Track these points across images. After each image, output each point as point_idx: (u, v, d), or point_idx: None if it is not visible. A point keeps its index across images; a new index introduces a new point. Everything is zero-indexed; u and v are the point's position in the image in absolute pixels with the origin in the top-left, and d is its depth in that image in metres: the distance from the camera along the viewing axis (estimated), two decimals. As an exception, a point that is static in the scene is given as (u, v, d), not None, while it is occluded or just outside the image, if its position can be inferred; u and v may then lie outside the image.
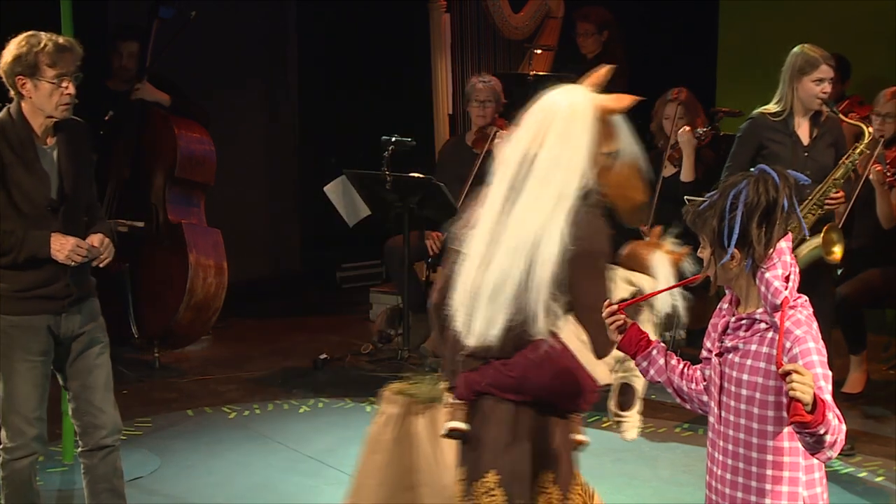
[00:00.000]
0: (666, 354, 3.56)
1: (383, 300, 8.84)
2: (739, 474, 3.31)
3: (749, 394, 3.28)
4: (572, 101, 3.80)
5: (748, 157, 6.15)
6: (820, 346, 3.21)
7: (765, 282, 3.25)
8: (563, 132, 3.75)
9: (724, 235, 3.23)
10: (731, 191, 3.24)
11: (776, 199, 3.23)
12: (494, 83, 8.23)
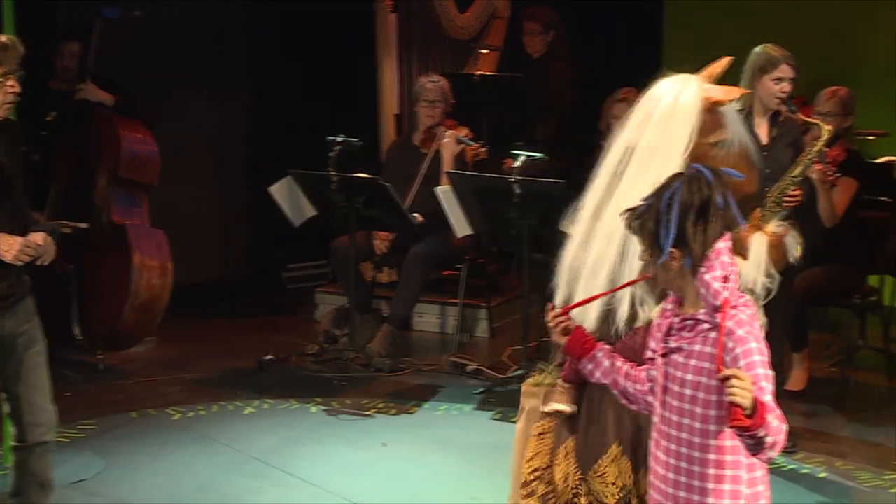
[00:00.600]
0: (611, 356, 3.57)
1: (329, 300, 8.83)
2: (682, 474, 3.31)
3: (692, 394, 3.29)
4: (678, 92, 3.93)
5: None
6: (762, 345, 3.22)
7: (704, 283, 3.26)
8: (665, 122, 3.87)
9: (660, 236, 3.24)
10: (666, 192, 3.25)
11: (710, 196, 3.24)
12: (443, 83, 8.24)
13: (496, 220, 7.31)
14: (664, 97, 3.96)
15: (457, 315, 8.32)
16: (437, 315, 8.62)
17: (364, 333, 7.88)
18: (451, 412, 7.00)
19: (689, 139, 3.85)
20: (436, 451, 6.39)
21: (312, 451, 6.35)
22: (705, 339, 3.28)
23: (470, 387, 7.39)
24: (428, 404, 7.12)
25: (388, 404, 7.09)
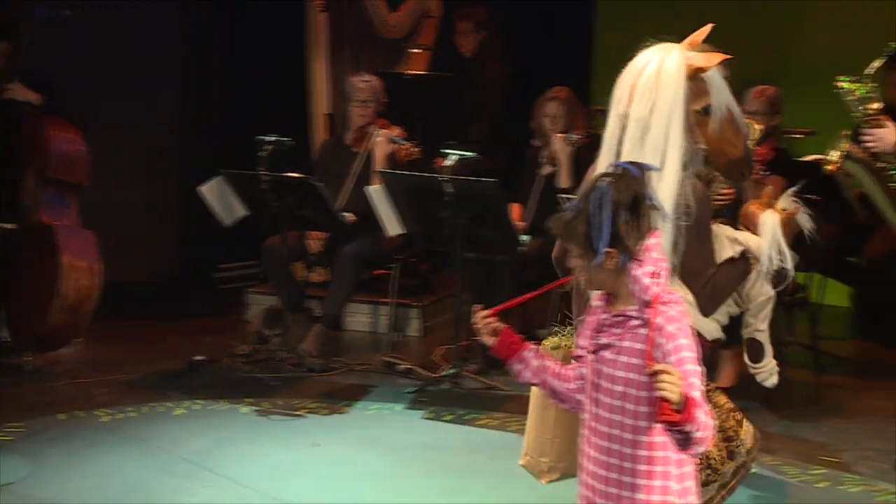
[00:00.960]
0: (540, 356, 3.58)
1: (261, 301, 8.80)
2: (612, 470, 3.33)
3: (623, 390, 3.31)
4: (660, 60, 3.98)
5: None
6: (692, 341, 3.25)
7: (634, 279, 3.28)
8: (653, 91, 3.92)
9: (595, 238, 3.25)
10: (594, 193, 3.26)
11: (640, 191, 3.26)
12: (375, 82, 8.23)
13: (428, 219, 7.32)
14: (647, 67, 4.00)
15: (389, 314, 8.31)
16: (369, 314, 8.61)
17: (296, 333, 7.86)
18: (383, 412, 6.99)
19: (682, 107, 3.91)
20: (367, 450, 6.38)
21: (244, 451, 6.32)
22: (635, 335, 3.30)
23: (402, 386, 7.39)
24: (360, 404, 7.11)
25: (319, 404, 7.07)
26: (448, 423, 6.82)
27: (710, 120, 4.02)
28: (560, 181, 7.71)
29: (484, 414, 6.90)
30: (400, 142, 8.00)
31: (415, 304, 8.52)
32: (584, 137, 7.87)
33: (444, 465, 6.21)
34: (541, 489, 5.84)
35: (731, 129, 4.07)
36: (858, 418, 6.87)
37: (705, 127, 4.02)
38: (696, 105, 4.02)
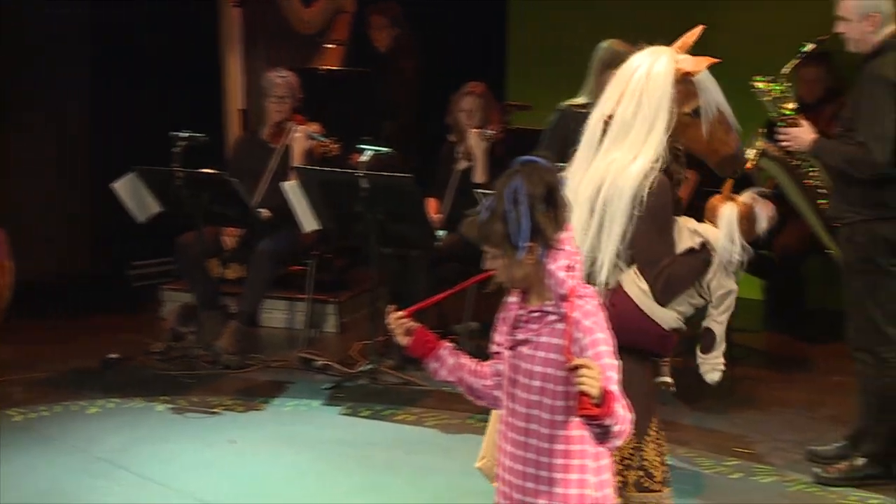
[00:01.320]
0: (456, 354, 3.59)
1: (175, 298, 8.72)
2: (530, 465, 3.34)
3: (541, 385, 3.32)
4: (650, 64, 4.08)
5: (557, 148, 6.23)
6: (608, 335, 3.27)
7: (550, 274, 3.29)
8: (639, 95, 4.05)
9: (514, 234, 3.25)
10: (507, 190, 3.27)
11: (553, 181, 3.28)
12: (291, 78, 8.20)
13: (344, 215, 7.31)
14: (638, 70, 4.11)
15: (305, 311, 8.28)
16: (286, 311, 8.58)
17: (211, 330, 7.81)
18: (300, 408, 6.98)
19: (668, 111, 4.05)
20: (284, 447, 6.36)
21: (159, 449, 6.28)
22: (553, 330, 3.31)
23: (319, 382, 7.37)
24: (276, 401, 7.09)
25: (235, 401, 7.04)
26: (365, 418, 6.81)
27: (699, 121, 4.11)
28: (476, 176, 7.72)
29: (401, 409, 6.90)
30: (318, 138, 7.97)
31: (331, 300, 8.50)
32: (499, 133, 7.90)
33: (362, 461, 6.20)
34: (459, 482, 5.87)
35: (722, 129, 4.19)
36: (771, 410, 6.96)
37: (696, 128, 4.13)
38: (686, 107, 4.12)
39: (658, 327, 4.08)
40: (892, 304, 5.82)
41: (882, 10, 5.69)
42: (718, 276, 4.11)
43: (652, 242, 4.02)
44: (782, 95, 5.98)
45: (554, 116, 6.45)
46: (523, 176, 3.27)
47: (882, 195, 5.68)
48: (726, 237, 4.10)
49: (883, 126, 5.57)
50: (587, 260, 4.00)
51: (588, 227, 4.02)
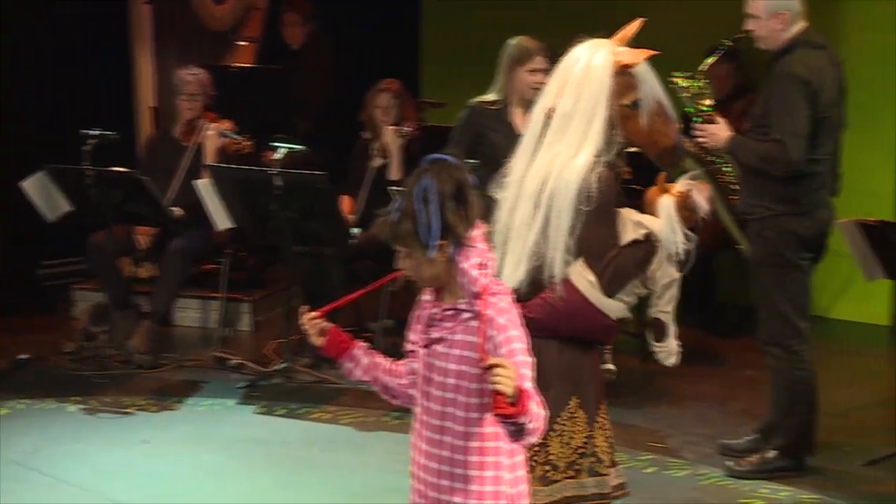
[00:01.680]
0: (370, 353, 3.58)
1: (87, 297, 8.64)
2: (444, 462, 3.35)
3: (455, 383, 3.32)
4: (589, 57, 4.13)
5: (467, 146, 6.27)
6: (522, 332, 3.28)
7: (462, 272, 3.30)
8: (579, 88, 4.09)
9: (424, 233, 3.26)
10: (416, 189, 3.26)
11: (462, 179, 3.29)
12: (202, 76, 8.14)
13: (257, 213, 7.28)
14: (578, 63, 4.14)
15: (219, 309, 8.24)
16: (199, 310, 8.53)
17: (124, 330, 7.75)
18: (215, 407, 6.94)
19: (607, 103, 4.09)
20: (199, 447, 6.33)
21: (72, 450, 6.22)
22: (467, 328, 3.32)
23: (233, 381, 7.33)
24: (190, 400, 7.04)
25: (149, 401, 6.99)
26: (281, 417, 6.79)
27: (638, 113, 4.14)
28: (391, 173, 7.72)
29: (317, 407, 6.89)
30: (231, 135, 7.93)
31: (245, 298, 8.46)
32: (415, 130, 7.90)
33: (278, 459, 6.19)
34: (375, 479, 5.88)
35: (662, 120, 4.23)
36: (684, 404, 7.02)
37: (634, 120, 4.17)
38: (625, 100, 4.16)
39: (606, 317, 4.14)
40: (802, 298, 5.89)
41: (791, 8, 5.76)
42: (662, 265, 4.17)
43: (598, 235, 4.07)
44: (700, 92, 6.03)
45: (463, 113, 6.47)
46: (433, 174, 3.27)
47: (791, 190, 5.75)
48: (668, 228, 4.16)
49: (796, 123, 5.64)
50: (534, 255, 4.05)
51: (533, 222, 4.06)
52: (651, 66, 4.20)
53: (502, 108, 6.40)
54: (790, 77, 5.69)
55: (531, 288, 4.09)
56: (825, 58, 5.78)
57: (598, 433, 4.28)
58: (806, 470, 5.99)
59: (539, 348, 4.11)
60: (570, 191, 4.02)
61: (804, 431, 5.96)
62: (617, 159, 4.15)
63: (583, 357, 4.20)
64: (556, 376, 4.15)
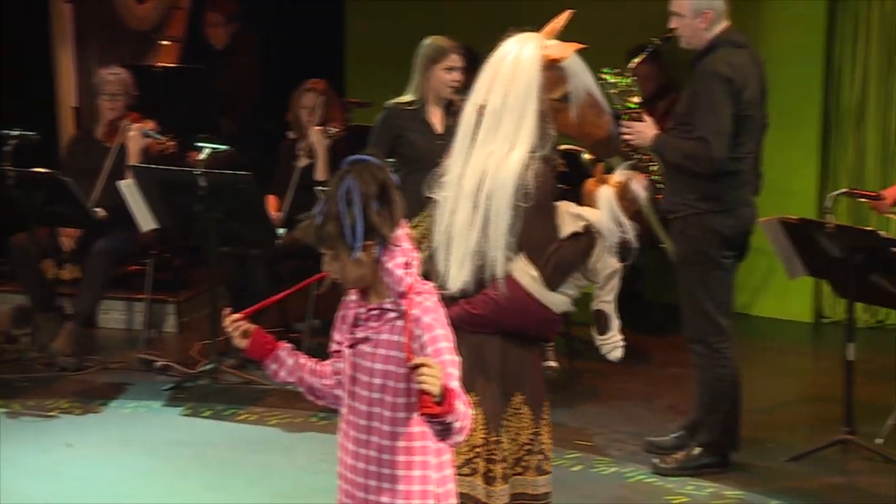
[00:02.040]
0: (295, 354, 3.57)
1: (9, 299, 8.53)
2: (372, 463, 3.34)
3: (382, 383, 3.32)
4: (517, 52, 4.13)
5: (386, 147, 6.26)
6: (448, 332, 3.29)
7: (388, 272, 3.30)
8: (507, 83, 4.09)
9: (349, 234, 3.25)
10: (339, 191, 3.26)
11: (385, 179, 3.29)
12: (124, 75, 8.08)
13: (182, 213, 7.24)
14: (505, 58, 4.15)
15: (144, 311, 8.18)
16: (124, 311, 8.46)
17: (47, 332, 7.67)
18: (140, 410, 6.89)
19: (537, 98, 4.10)
20: (124, 449, 6.28)
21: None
22: (393, 327, 3.32)
23: (159, 383, 7.28)
24: (115, 402, 6.99)
25: (73, 404, 6.92)
26: (207, 419, 6.75)
27: (569, 107, 4.15)
28: (317, 174, 7.69)
29: (243, 409, 6.86)
30: (154, 135, 7.87)
31: (170, 299, 8.40)
32: (341, 130, 7.88)
33: (204, 461, 6.15)
34: (302, 481, 5.86)
35: (594, 112, 4.26)
36: (610, 402, 7.06)
37: (565, 113, 4.20)
38: (555, 93, 4.18)
39: (549, 312, 4.19)
40: (725, 296, 5.94)
41: (715, 8, 5.80)
42: (603, 257, 4.20)
43: (537, 230, 4.11)
44: (628, 89, 6.06)
45: (381, 115, 6.48)
46: (355, 175, 3.27)
47: (714, 188, 5.80)
48: (609, 219, 4.18)
49: (720, 121, 5.69)
50: (477, 255, 4.07)
51: (473, 222, 4.07)
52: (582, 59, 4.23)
53: (419, 107, 6.40)
54: (713, 75, 5.74)
55: (477, 287, 4.12)
56: (747, 57, 5.84)
57: (545, 430, 4.30)
58: (730, 466, 6.05)
59: (481, 344, 4.15)
60: (506, 189, 4.04)
61: (728, 428, 6.01)
62: (552, 153, 4.16)
63: (526, 354, 4.23)
64: (498, 373, 4.17)
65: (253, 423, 6.68)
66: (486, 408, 4.16)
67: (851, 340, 6.17)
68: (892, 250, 5.95)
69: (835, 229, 6.07)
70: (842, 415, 6.21)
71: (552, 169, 4.17)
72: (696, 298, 5.91)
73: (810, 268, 6.42)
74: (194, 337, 8.07)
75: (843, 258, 6.07)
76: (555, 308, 4.20)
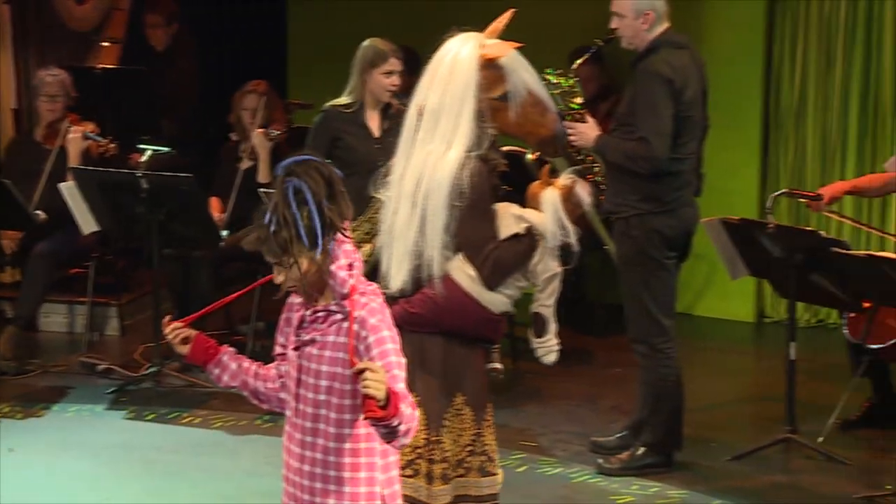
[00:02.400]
0: (238, 358, 3.56)
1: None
2: (318, 465, 3.34)
3: (328, 384, 3.32)
4: (456, 52, 4.14)
5: (323, 149, 6.25)
6: (394, 333, 3.29)
7: (332, 274, 3.29)
8: (445, 83, 4.10)
9: (309, 235, 3.23)
10: (288, 194, 3.23)
11: (330, 174, 3.28)
12: (63, 77, 8.02)
13: (124, 215, 7.20)
14: (445, 57, 4.16)
15: (86, 314, 8.12)
16: (65, 314, 8.39)
17: (-15, 336, 7.60)
18: (83, 413, 6.84)
19: (474, 97, 4.11)
20: (67, 454, 6.24)
21: (-65, 460, 6.09)
22: (339, 329, 3.31)
23: (101, 386, 7.23)
24: (57, 406, 6.94)
25: (14, 408, 6.86)
26: (151, 422, 6.72)
27: (509, 105, 4.15)
28: (260, 176, 7.67)
29: (187, 412, 6.82)
30: (94, 137, 7.82)
31: (113, 302, 8.34)
32: (283, 132, 7.86)
33: (147, 465, 6.12)
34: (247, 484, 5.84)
35: (537, 111, 4.26)
36: (555, 403, 7.07)
37: (505, 112, 4.20)
38: (493, 92, 4.18)
39: (488, 312, 4.19)
40: (666, 297, 5.98)
41: (656, 9, 5.84)
42: (544, 259, 4.20)
43: (475, 229, 4.12)
44: (570, 90, 6.09)
45: (318, 117, 6.46)
46: (302, 176, 3.25)
47: (655, 189, 5.83)
48: (553, 222, 4.18)
49: (660, 122, 5.72)
50: (415, 254, 4.09)
51: (411, 222, 4.09)
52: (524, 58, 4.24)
53: (357, 110, 6.39)
54: (654, 76, 5.77)
55: (415, 286, 4.13)
56: (688, 57, 5.88)
57: (487, 431, 4.30)
58: (674, 465, 6.08)
59: (423, 343, 4.16)
60: (442, 189, 4.05)
61: (671, 427, 6.05)
62: (490, 152, 4.17)
63: (469, 354, 4.23)
64: (440, 373, 4.18)
65: (197, 427, 6.65)
66: (427, 408, 4.16)
67: (793, 340, 6.22)
68: (832, 250, 6.01)
69: (776, 229, 6.13)
70: (784, 414, 6.27)
71: (491, 168, 4.18)
72: (639, 299, 5.94)
73: (752, 268, 6.47)
74: (137, 340, 8.02)
75: (784, 258, 6.13)
76: (493, 308, 4.20)
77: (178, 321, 3.50)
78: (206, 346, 3.52)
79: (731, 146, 8.23)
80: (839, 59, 8.19)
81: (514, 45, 4.23)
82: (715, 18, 8.48)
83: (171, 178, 7.04)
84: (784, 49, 8.41)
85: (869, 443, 6.45)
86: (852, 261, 6.01)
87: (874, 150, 8.13)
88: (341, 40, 7.05)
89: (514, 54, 4.22)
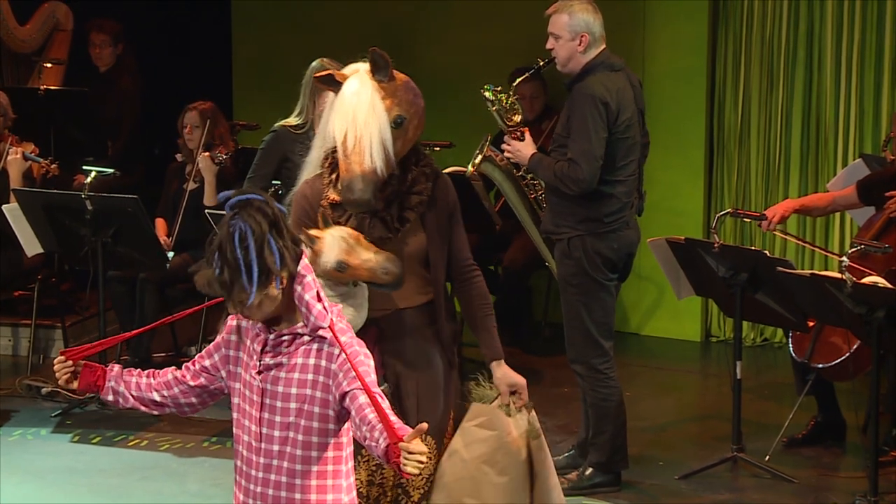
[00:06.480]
0: (126, 376, 3.56)
1: None
2: (282, 489, 3.35)
3: (297, 406, 3.34)
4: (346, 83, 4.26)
5: (272, 169, 6.25)
6: (365, 349, 3.37)
7: (305, 304, 3.30)
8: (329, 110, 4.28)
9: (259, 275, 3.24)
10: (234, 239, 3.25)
11: (272, 212, 3.29)
12: (1, 97, 7.98)
13: (68, 237, 7.16)
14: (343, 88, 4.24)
15: (30, 336, 8.06)
16: (9, 337, 8.33)
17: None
18: (27, 437, 6.79)
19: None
20: (11, 478, 6.19)
21: None
22: (307, 351, 3.34)
23: (46, 410, 7.18)
24: (1, 430, 6.88)
25: (-44, 433, 6.81)
26: (96, 445, 6.67)
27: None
28: (206, 199, 7.63)
29: (133, 434, 6.78)
30: (34, 158, 7.78)
31: (57, 324, 8.28)
32: (229, 155, 7.81)
33: (93, 489, 6.09)
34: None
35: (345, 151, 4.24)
36: (502, 422, 7.06)
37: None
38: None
39: None
40: (607, 317, 6.01)
41: (592, 32, 5.87)
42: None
43: None
44: (509, 107, 6.12)
45: (268, 137, 6.44)
46: (245, 218, 3.25)
47: (594, 210, 5.87)
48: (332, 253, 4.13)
49: (591, 143, 5.76)
50: None
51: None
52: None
53: (306, 130, 6.37)
54: (588, 98, 5.81)
55: None
56: (623, 79, 5.93)
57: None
58: (622, 485, 6.10)
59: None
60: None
61: (616, 447, 6.06)
62: (318, 177, 4.25)
63: None
64: None
65: (143, 449, 6.61)
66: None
67: (739, 359, 6.26)
68: (776, 269, 6.06)
69: (720, 249, 6.18)
70: (730, 432, 6.30)
71: (313, 189, 4.26)
72: (579, 320, 5.97)
73: (697, 287, 6.51)
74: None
75: (729, 277, 6.17)
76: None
77: (71, 350, 3.51)
78: (95, 375, 3.53)
79: (675, 167, 8.28)
80: (781, 80, 8.26)
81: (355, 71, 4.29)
82: (657, 40, 8.53)
83: (116, 199, 7.02)
84: (727, 70, 8.47)
85: (815, 460, 6.49)
86: (796, 280, 6.06)
87: (817, 170, 8.20)
88: (286, 62, 7.06)
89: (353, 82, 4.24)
